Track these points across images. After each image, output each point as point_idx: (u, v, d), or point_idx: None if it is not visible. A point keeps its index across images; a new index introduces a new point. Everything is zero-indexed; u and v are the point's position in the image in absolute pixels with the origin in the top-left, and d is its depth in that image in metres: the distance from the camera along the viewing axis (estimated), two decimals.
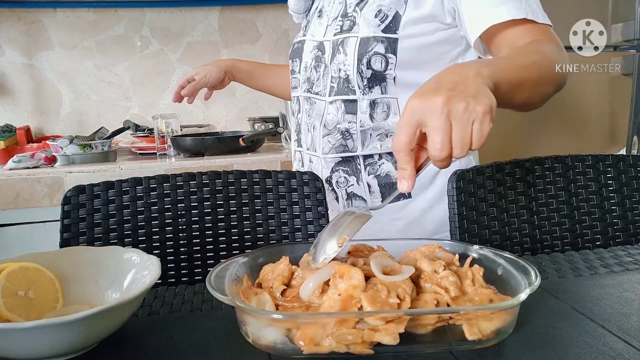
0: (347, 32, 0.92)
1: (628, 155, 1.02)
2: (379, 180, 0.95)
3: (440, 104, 0.53)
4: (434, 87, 0.56)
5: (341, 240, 0.58)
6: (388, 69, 0.89)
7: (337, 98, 0.94)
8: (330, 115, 0.95)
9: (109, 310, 0.50)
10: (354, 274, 0.53)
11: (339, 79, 0.93)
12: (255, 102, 2.21)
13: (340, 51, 0.92)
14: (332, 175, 0.98)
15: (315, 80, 0.99)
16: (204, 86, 1.23)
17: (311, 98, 0.99)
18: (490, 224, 0.91)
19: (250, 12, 2.17)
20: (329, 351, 0.49)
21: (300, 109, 1.04)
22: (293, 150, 1.11)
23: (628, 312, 0.58)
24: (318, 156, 0.99)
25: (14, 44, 2.01)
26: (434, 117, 0.53)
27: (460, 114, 0.53)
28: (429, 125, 0.54)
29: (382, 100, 0.92)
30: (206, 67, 1.23)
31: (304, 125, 1.03)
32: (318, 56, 0.98)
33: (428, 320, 0.51)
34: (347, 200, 0.98)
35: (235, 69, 1.25)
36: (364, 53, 0.89)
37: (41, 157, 1.59)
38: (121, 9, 2.07)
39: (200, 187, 0.92)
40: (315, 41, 0.99)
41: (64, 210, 0.86)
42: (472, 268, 0.59)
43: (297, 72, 1.04)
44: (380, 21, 0.89)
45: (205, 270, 0.90)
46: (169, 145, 1.77)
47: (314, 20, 1.03)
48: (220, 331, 0.57)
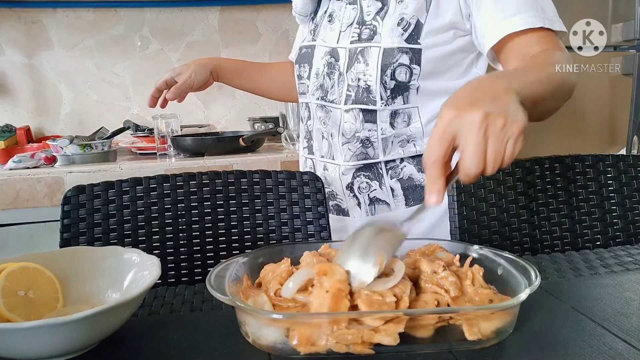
0: (367, 41, 0.90)
1: (628, 155, 1.02)
2: (402, 183, 0.95)
3: (479, 120, 0.52)
4: (470, 101, 0.54)
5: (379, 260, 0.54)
6: (412, 80, 0.88)
7: (355, 107, 0.92)
8: (348, 124, 0.93)
9: (109, 310, 0.50)
10: (337, 269, 0.53)
11: (357, 88, 0.91)
12: (255, 102, 2.21)
13: (359, 60, 0.90)
14: (354, 182, 0.96)
15: (329, 88, 0.96)
16: (189, 88, 1.12)
17: (326, 106, 0.97)
18: (490, 224, 0.91)
19: (250, 12, 2.17)
20: (327, 351, 0.49)
21: (311, 116, 1.01)
22: (303, 158, 1.08)
23: (628, 312, 0.58)
24: (337, 164, 0.97)
25: (14, 44, 2.01)
26: (472, 132, 0.52)
27: (498, 131, 0.52)
28: (465, 140, 0.52)
29: (403, 110, 0.91)
30: (189, 67, 1.13)
31: (316, 133, 1.01)
32: (331, 63, 0.95)
33: (428, 320, 0.51)
34: (370, 206, 0.97)
35: (220, 69, 1.16)
36: (388, 64, 0.87)
37: (41, 157, 1.59)
38: (121, 9, 2.07)
39: (200, 187, 0.92)
40: (327, 47, 0.97)
41: (64, 210, 0.86)
42: (472, 268, 0.59)
43: (306, 78, 1.01)
44: (403, 30, 0.87)
45: (205, 270, 0.90)
46: (169, 145, 1.76)
47: (323, 24, 1.00)
48: (220, 331, 0.57)
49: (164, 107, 1.15)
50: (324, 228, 0.94)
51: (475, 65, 0.93)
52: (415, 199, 0.95)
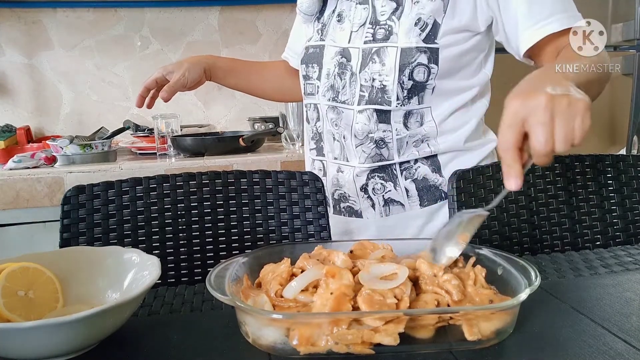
0: (383, 41, 0.89)
1: (628, 155, 1.02)
2: (416, 184, 0.95)
3: (545, 101, 0.55)
4: (533, 88, 0.58)
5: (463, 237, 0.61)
6: (430, 79, 0.89)
7: (368, 107, 0.91)
8: (360, 125, 0.92)
9: (109, 310, 0.50)
10: (344, 274, 0.53)
11: (371, 88, 0.91)
12: (255, 102, 2.21)
13: (375, 60, 0.90)
14: (368, 183, 0.96)
15: (340, 89, 0.95)
16: (182, 87, 1.06)
17: (337, 107, 0.95)
18: (490, 224, 0.91)
19: (250, 12, 2.17)
20: (327, 351, 0.49)
21: (320, 117, 1.00)
22: (310, 159, 1.06)
23: (628, 312, 0.58)
24: (352, 166, 0.96)
25: (14, 44, 2.01)
26: (538, 114, 0.55)
27: (564, 109, 0.55)
28: (533, 121, 0.55)
29: (417, 110, 0.91)
30: (182, 65, 1.07)
31: (326, 134, 0.99)
32: (342, 63, 0.94)
33: (428, 321, 0.51)
34: (385, 207, 0.97)
35: (214, 67, 1.12)
36: (406, 64, 0.87)
37: (41, 157, 1.59)
38: (121, 9, 2.07)
39: (200, 187, 0.92)
40: (338, 47, 0.95)
41: (64, 210, 0.86)
42: (475, 268, 0.59)
43: (316, 79, 0.99)
44: (420, 30, 0.87)
45: (205, 270, 0.90)
46: (169, 145, 1.76)
47: (332, 24, 0.98)
48: (220, 331, 0.57)
49: (150, 108, 1.10)
50: (324, 228, 0.93)
51: (484, 65, 0.95)
52: (430, 199, 0.95)
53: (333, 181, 1.00)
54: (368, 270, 0.56)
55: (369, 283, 0.53)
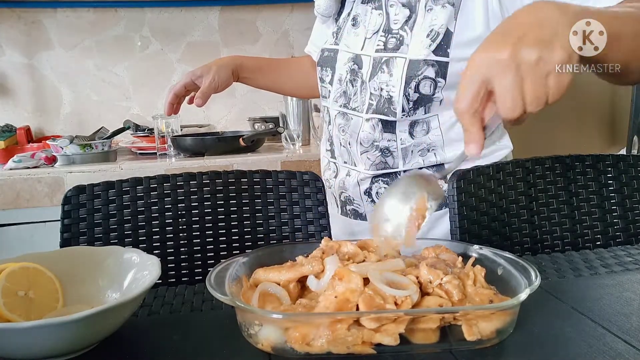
0: (393, 51, 0.87)
1: (628, 155, 1.02)
2: None
3: (507, 57, 0.47)
4: (500, 37, 0.49)
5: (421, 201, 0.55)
6: (436, 93, 0.86)
7: (374, 116, 0.90)
8: (365, 133, 0.91)
9: (109, 310, 0.50)
10: (354, 278, 0.53)
11: (379, 98, 0.89)
12: (255, 102, 2.21)
13: (383, 70, 0.88)
14: (372, 187, 0.95)
15: (352, 95, 0.93)
16: (214, 91, 1.05)
17: (347, 114, 0.94)
18: (490, 224, 0.91)
19: (250, 12, 2.17)
20: (327, 351, 0.49)
21: (331, 121, 0.99)
22: (326, 159, 1.05)
23: (628, 312, 0.58)
24: (358, 171, 0.96)
25: (14, 44, 2.01)
26: (501, 73, 0.47)
27: (532, 66, 0.47)
28: (496, 82, 0.48)
29: (423, 120, 0.89)
30: (210, 68, 1.05)
31: (336, 139, 0.99)
32: (354, 70, 0.93)
33: (429, 324, 0.50)
34: None
35: (242, 68, 1.10)
36: (413, 76, 0.85)
37: (41, 157, 1.59)
38: (121, 9, 2.07)
39: (201, 187, 0.92)
40: (351, 53, 0.94)
41: (64, 210, 0.86)
42: (475, 269, 0.59)
43: (328, 83, 0.98)
44: (431, 40, 0.84)
45: (205, 270, 0.90)
46: (169, 145, 1.76)
47: (346, 28, 0.97)
48: (220, 331, 0.57)
49: (177, 113, 1.09)
50: (324, 228, 0.93)
51: None
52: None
53: (340, 184, 1.00)
54: (381, 272, 0.55)
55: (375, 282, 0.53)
